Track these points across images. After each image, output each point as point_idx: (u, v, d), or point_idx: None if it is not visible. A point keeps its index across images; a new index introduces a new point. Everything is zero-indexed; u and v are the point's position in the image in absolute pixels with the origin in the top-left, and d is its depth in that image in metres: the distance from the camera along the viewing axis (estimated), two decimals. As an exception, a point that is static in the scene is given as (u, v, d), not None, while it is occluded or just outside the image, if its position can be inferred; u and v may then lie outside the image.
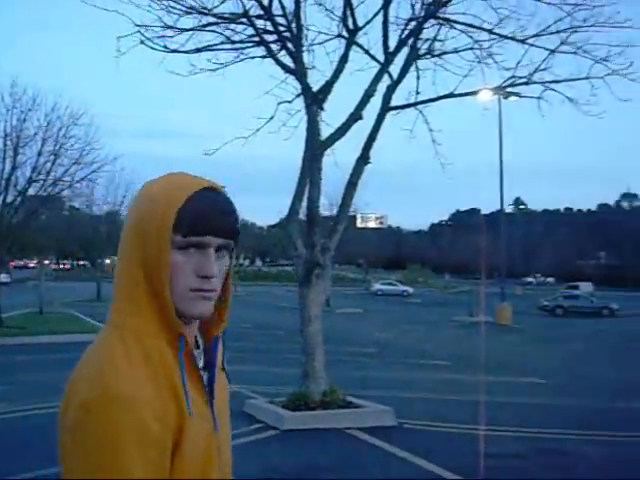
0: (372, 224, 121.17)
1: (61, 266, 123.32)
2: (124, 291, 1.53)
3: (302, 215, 13.83)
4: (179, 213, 1.48)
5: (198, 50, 13.72)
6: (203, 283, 1.50)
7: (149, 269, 1.50)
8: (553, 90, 14.20)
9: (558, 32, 13.71)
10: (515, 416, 12.38)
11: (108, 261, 64.54)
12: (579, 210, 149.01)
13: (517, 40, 13.93)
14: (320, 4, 13.95)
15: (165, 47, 13.59)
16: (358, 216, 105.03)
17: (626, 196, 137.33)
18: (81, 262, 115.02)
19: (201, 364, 1.59)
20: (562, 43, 13.76)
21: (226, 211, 1.54)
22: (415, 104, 14.50)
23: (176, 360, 1.49)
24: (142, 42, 13.38)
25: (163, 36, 13.53)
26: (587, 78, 13.84)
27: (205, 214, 1.49)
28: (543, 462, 9.51)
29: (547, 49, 13.96)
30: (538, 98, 14.39)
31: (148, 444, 1.36)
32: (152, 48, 13.48)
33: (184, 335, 1.50)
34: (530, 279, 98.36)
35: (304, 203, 13.06)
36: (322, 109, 13.36)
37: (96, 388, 1.37)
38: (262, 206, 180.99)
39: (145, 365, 1.44)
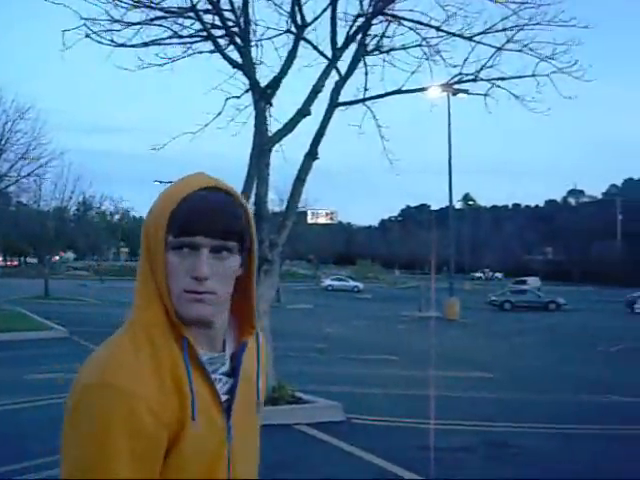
0: (322, 220, 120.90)
1: (8, 263, 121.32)
2: (139, 287, 1.57)
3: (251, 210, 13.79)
4: (172, 213, 1.50)
5: (145, 44, 13.58)
6: (196, 285, 1.49)
7: (153, 268, 1.54)
8: (500, 87, 14.36)
9: (504, 30, 13.87)
10: (461, 410, 12.50)
11: (57, 257, 63.71)
12: (527, 206, 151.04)
13: (464, 37, 14.04)
14: (269, -1, 13.92)
15: (112, 41, 13.42)
16: (308, 212, 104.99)
17: (572, 192, 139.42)
18: (29, 259, 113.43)
19: (223, 369, 1.60)
20: (508, 41, 13.92)
21: (219, 210, 1.51)
22: (363, 100, 14.55)
23: (175, 358, 1.50)
24: (88, 36, 13.20)
25: (110, 30, 13.37)
26: (533, 76, 14.03)
27: (195, 214, 1.49)
28: (489, 454, 9.63)
29: (494, 47, 14.11)
30: (485, 95, 14.54)
31: (138, 436, 1.40)
32: (99, 42, 13.31)
33: (187, 337, 1.51)
34: (479, 274, 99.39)
35: (252, 199, 13.02)
36: (270, 105, 13.32)
37: (97, 375, 1.43)
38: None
39: (151, 360, 1.47)
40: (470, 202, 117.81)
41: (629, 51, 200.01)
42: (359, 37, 13.85)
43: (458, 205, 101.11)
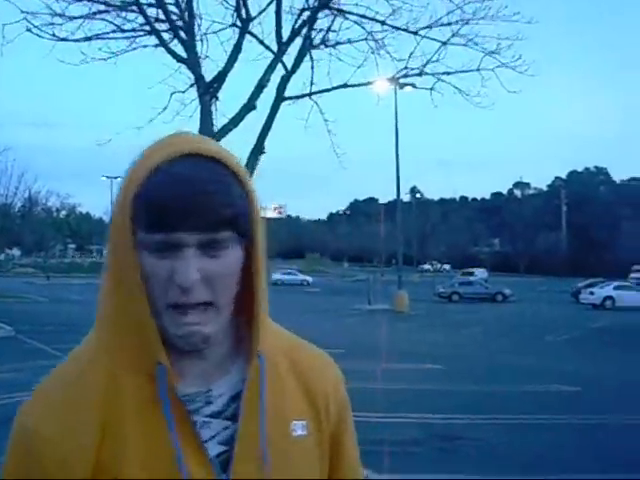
0: (271, 214, 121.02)
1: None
2: (103, 294, 1.20)
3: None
4: (136, 198, 1.10)
5: (88, 39, 13.43)
6: (181, 296, 1.10)
7: (122, 271, 1.15)
8: (445, 82, 14.49)
9: (449, 24, 14.02)
10: (410, 402, 12.55)
11: (2, 255, 62.62)
12: (474, 199, 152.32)
13: (410, 31, 14.15)
14: (213, -7, 13.86)
15: (54, 35, 13.25)
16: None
17: (518, 185, 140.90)
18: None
19: (212, 409, 1.19)
20: (453, 35, 14.06)
21: (203, 191, 1.08)
22: (310, 94, 14.57)
23: (143, 395, 1.15)
24: (29, 30, 13.00)
25: (51, 24, 13.18)
26: (478, 70, 14.20)
27: (168, 200, 1.08)
28: (438, 446, 9.68)
29: (439, 41, 14.27)
30: (431, 89, 14.66)
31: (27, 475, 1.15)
32: (39, 36, 13.13)
33: (164, 365, 1.14)
34: (427, 266, 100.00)
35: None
36: (216, 99, 13.27)
37: (25, 401, 1.20)
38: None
39: (77, 395, 1.16)
40: (417, 195, 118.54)
41: (572, 45, 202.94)
42: (305, 31, 13.86)
43: (406, 198, 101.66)
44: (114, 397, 1.15)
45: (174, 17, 13.56)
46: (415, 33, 14.12)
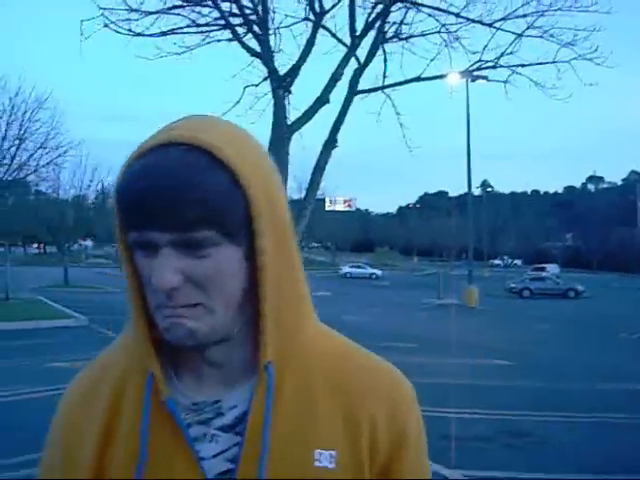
0: (340, 207, 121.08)
1: (29, 250, 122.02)
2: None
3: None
4: (115, 193, 1.04)
5: (164, 33, 13.63)
6: (166, 299, 1.03)
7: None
8: (519, 74, 14.30)
9: (525, 16, 13.82)
10: (479, 397, 12.46)
11: (76, 245, 63.93)
12: (546, 192, 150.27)
13: (484, 24, 14.00)
14: (287, -14, 13.93)
15: (130, 30, 13.48)
16: (327, 199, 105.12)
17: (592, 179, 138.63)
18: (48, 247, 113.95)
19: (223, 421, 1.11)
20: (529, 27, 13.86)
21: (169, 186, 0.98)
22: (382, 88, 14.55)
23: (139, 396, 1.13)
24: (106, 25, 13.26)
25: (128, 19, 13.42)
26: (553, 62, 13.98)
27: (134, 194, 0.99)
28: (507, 443, 9.60)
29: (514, 33, 14.08)
30: (505, 82, 14.50)
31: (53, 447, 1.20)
32: (116, 32, 13.38)
33: (153, 371, 1.10)
34: (497, 261, 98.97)
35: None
36: (289, 92, 13.34)
37: None
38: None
39: (93, 392, 1.18)
40: (488, 189, 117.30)
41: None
42: (378, 24, 13.84)
43: (476, 192, 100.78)
44: (119, 396, 1.15)
45: (248, 11, 13.67)
46: (490, 25, 13.97)
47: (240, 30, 13.79)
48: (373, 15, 13.81)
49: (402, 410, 1.18)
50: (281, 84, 13.12)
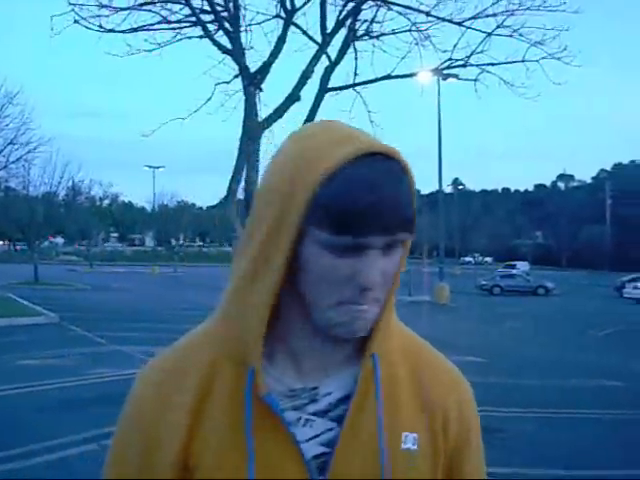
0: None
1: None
2: (234, 281, 1.19)
3: (241, 196, 13.81)
4: (317, 198, 1.06)
5: (134, 30, 13.56)
6: (358, 296, 1.09)
7: (259, 265, 1.12)
8: (490, 73, 14.40)
9: (495, 15, 13.93)
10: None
11: (46, 243, 63.44)
12: (516, 190, 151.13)
13: (454, 22, 14.08)
14: (258, -16, 13.93)
15: (100, 27, 13.40)
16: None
17: (562, 177, 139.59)
18: (18, 244, 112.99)
19: (316, 407, 1.17)
20: (498, 26, 13.96)
21: (394, 195, 1.07)
22: (353, 85, 14.58)
23: (237, 385, 1.14)
24: (76, 21, 13.17)
25: (98, 15, 13.35)
26: (523, 61, 14.09)
27: (354, 206, 1.03)
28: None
29: (484, 32, 14.19)
30: (475, 80, 14.58)
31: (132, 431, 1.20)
32: (87, 27, 13.29)
33: (254, 367, 1.13)
34: (469, 258, 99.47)
35: (242, 184, 13.04)
36: (260, 90, 13.34)
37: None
38: (201, 186, 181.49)
39: (178, 377, 1.19)
40: (460, 187, 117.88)
41: (618, 35, 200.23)
42: (349, 22, 13.88)
43: (448, 190, 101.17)
44: (208, 385, 1.16)
45: (219, 8, 13.65)
46: (460, 24, 14.05)
47: (211, 27, 13.78)
48: (344, 13, 13.85)
49: (469, 405, 1.34)
50: (252, 81, 13.11)
